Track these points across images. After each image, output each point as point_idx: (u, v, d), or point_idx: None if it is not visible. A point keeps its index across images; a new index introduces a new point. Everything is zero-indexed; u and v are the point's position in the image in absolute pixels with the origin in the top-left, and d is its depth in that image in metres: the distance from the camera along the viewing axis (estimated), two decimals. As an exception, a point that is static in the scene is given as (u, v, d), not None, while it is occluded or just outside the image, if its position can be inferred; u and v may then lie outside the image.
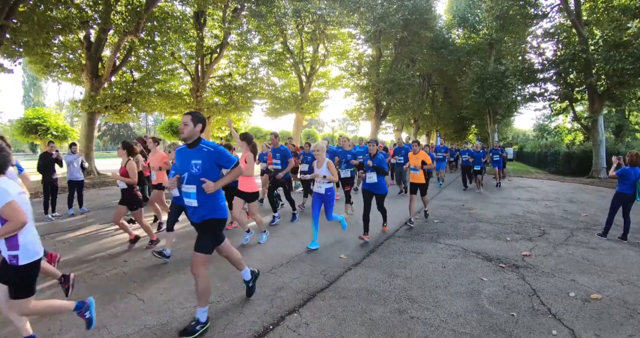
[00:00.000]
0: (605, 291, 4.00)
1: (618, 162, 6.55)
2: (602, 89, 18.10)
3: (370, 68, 27.91)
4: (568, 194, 12.44)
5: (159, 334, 3.03)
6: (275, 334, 3.06)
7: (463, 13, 28.82)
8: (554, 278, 4.38)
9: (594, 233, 6.66)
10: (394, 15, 23.11)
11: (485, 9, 22.70)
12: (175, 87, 22.69)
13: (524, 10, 20.50)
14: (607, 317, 3.41)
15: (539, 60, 21.13)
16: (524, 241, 6.06)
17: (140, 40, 17.36)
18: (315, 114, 28.99)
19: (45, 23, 12.68)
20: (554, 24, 20.19)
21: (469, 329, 3.16)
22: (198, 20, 20.25)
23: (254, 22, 22.42)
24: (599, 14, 18.04)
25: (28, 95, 57.51)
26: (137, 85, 19.09)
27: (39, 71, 17.62)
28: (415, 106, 30.70)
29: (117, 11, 15.94)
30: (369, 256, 5.23)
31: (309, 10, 22.58)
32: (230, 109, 22.64)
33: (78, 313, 2.87)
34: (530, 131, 52.69)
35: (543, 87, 21.59)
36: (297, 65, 25.95)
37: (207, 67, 21.42)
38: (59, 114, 22.39)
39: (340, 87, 30.22)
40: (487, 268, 4.72)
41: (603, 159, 18.05)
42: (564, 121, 34.84)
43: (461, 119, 38.36)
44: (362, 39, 26.92)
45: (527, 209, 9.21)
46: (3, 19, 10.82)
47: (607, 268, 4.77)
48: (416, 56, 29.00)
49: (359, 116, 30.07)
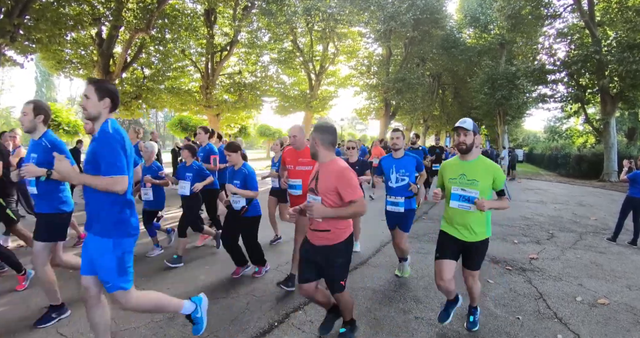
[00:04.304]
0: (612, 297, 3.96)
1: (629, 166, 6.45)
2: (614, 91, 17.84)
3: (379, 67, 27.84)
4: (578, 197, 12.30)
5: (165, 328, 3.08)
6: (280, 331, 3.09)
7: (474, 13, 28.52)
8: (560, 282, 4.35)
9: (603, 237, 6.59)
10: (405, 14, 22.98)
11: (497, 9, 22.45)
12: (185, 84, 22.84)
13: (536, 10, 20.25)
14: (613, 322, 3.38)
15: (551, 61, 20.89)
16: (531, 244, 6.01)
17: (151, 37, 17.52)
18: (324, 112, 29.04)
19: (57, 20, 12.83)
20: (566, 24, 19.95)
21: (474, 331, 3.15)
22: (208, 17, 20.36)
23: (264, 20, 22.50)
24: (613, 14, 17.77)
25: (40, 90, 58.19)
26: (148, 82, 19.27)
27: (51, 67, 17.87)
28: (424, 105, 30.53)
29: (129, 8, 16.08)
30: (375, 256, 5.24)
31: (319, 9, 22.57)
32: (239, 107, 22.75)
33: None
34: (541, 133, 52.06)
35: (554, 89, 21.35)
36: (307, 63, 25.98)
37: (217, 65, 21.53)
38: (70, 110, 22.65)
39: (350, 86, 30.23)
40: (494, 270, 4.70)
41: (614, 163, 17.78)
42: (576, 123, 34.40)
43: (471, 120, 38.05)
44: (372, 38, 26.87)
45: (536, 211, 9.13)
46: (16, 16, 10.97)
47: (616, 273, 4.72)
48: (426, 55, 28.82)
49: (368, 115, 30.03)
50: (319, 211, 2.48)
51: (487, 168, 2.86)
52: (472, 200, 2.78)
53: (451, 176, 2.96)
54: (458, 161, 3.00)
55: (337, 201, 2.55)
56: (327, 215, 2.52)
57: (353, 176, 2.55)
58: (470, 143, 2.86)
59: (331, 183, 2.52)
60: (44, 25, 12.10)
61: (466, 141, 2.85)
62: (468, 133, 2.83)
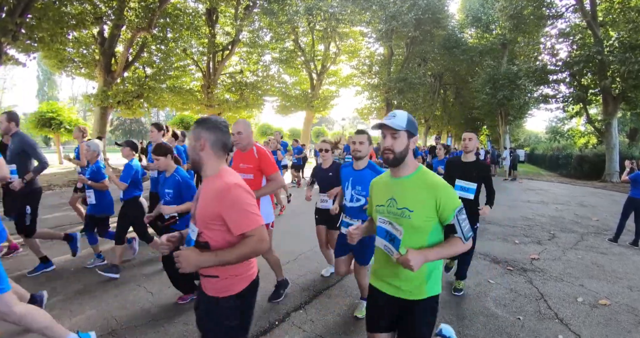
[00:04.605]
0: (614, 298, 3.95)
1: (631, 166, 6.44)
2: (616, 91, 17.80)
3: (381, 67, 27.84)
4: (579, 197, 12.28)
5: (166, 326, 3.08)
6: (281, 330, 3.09)
7: (476, 12, 28.48)
8: (562, 283, 4.34)
9: (604, 238, 6.58)
10: (407, 14, 22.97)
11: (499, 9, 22.40)
12: (186, 84, 22.90)
13: (538, 10, 20.22)
14: (615, 323, 3.38)
15: (553, 61, 20.86)
16: (532, 245, 6.01)
17: (152, 36, 17.57)
18: (325, 112, 29.06)
19: (59, 18, 12.87)
20: (569, 24, 19.91)
21: (474, 331, 3.15)
22: (210, 17, 20.40)
23: (266, 20, 22.53)
24: (615, 15, 17.73)
25: (42, 89, 58.32)
26: (149, 81, 19.30)
27: (53, 65, 17.93)
28: (426, 105, 30.52)
29: (131, 7, 16.13)
30: (376, 256, 5.22)
31: (320, 8, 22.58)
32: (240, 106, 22.77)
33: None
34: (543, 133, 51.96)
35: (556, 89, 21.32)
36: (308, 63, 26.00)
37: (218, 64, 21.58)
38: (72, 108, 22.72)
39: (351, 85, 30.24)
40: (495, 271, 4.70)
41: (616, 163, 17.74)
42: (577, 124, 34.34)
43: (473, 120, 37.98)
44: (374, 37, 26.84)
45: (537, 212, 9.12)
46: (18, 15, 11.00)
47: (617, 274, 4.71)
48: (428, 55, 28.80)
49: (370, 115, 30.03)
50: (188, 262, 1.56)
51: (428, 188, 1.75)
52: (397, 244, 1.78)
53: (378, 202, 1.93)
54: (388, 178, 1.93)
55: (225, 235, 1.66)
56: (202, 265, 1.59)
57: (245, 197, 1.64)
58: (402, 149, 1.79)
59: (212, 207, 1.65)
60: (46, 24, 12.14)
61: (394, 147, 1.78)
62: (397, 135, 1.78)
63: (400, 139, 1.78)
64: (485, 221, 7.76)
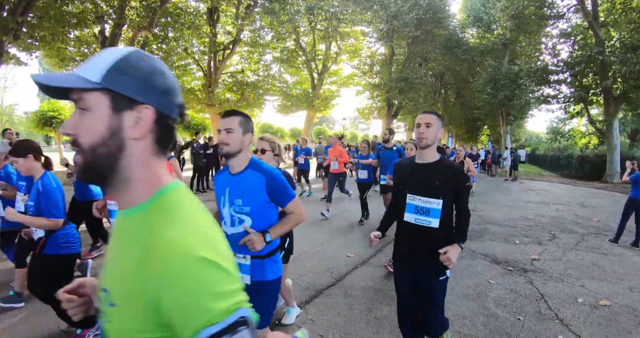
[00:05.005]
0: (614, 298, 3.95)
1: (632, 167, 6.43)
2: (618, 92, 17.76)
3: (382, 66, 27.83)
4: (580, 198, 12.27)
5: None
6: (281, 330, 3.09)
7: (477, 12, 28.47)
8: (562, 283, 4.34)
9: (605, 238, 6.57)
10: (408, 13, 22.97)
11: (500, 9, 22.39)
12: (187, 83, 22.93)
13: (539, 10, 20.19)
14: (615, 324, 3.38)
15: (554, 61, 20.83)
16: (533, 245, 6.00)
17: (153, 35, 17.58)
18: (326, 111, 29.10)
19: (61, 18, 12.88)
20: (570, 24, 19.89)
21: (475, 331, 3.16)
22: (211, 16, 20.40)
23: (267, 19, 22.53)
24: (617, 15, 17.69)
25: (43, 88, 58.38)
26: (150, 80, 19.30)
27: (54, 64, 17.94)
28: (427, 105, 30.50)
29: (132, 6, 16.13)
30: (376, 256, 5.24)
31: (322, 8, 22.59)
32: (241, 105, 22.79)
33: None
34: (544, 134, 51.91)
35: (557, 89, 21.29)
36: (309, 62, 26.01)
37: (219, 63, 21.59)
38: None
39: (352, 85, 30.25)
40: (495, 271, 4.70)
41: (617, 164, 17.70)
42: (578, 124, 34.31)
43: (473, 120, 37.97)
44: (375, 37, 26.85)
45: (538, 212, 9.11)
46: (20, 14, 11.01)
47: (618, 275, 4.71)
48: (429, 55, 28.80)
49: (370, 115, 30.04)
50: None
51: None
52: None
53: None
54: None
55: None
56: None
57: None
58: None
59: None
60: (47, 23, 12.15)
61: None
62: None
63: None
64: (486, 221, 7.76)
